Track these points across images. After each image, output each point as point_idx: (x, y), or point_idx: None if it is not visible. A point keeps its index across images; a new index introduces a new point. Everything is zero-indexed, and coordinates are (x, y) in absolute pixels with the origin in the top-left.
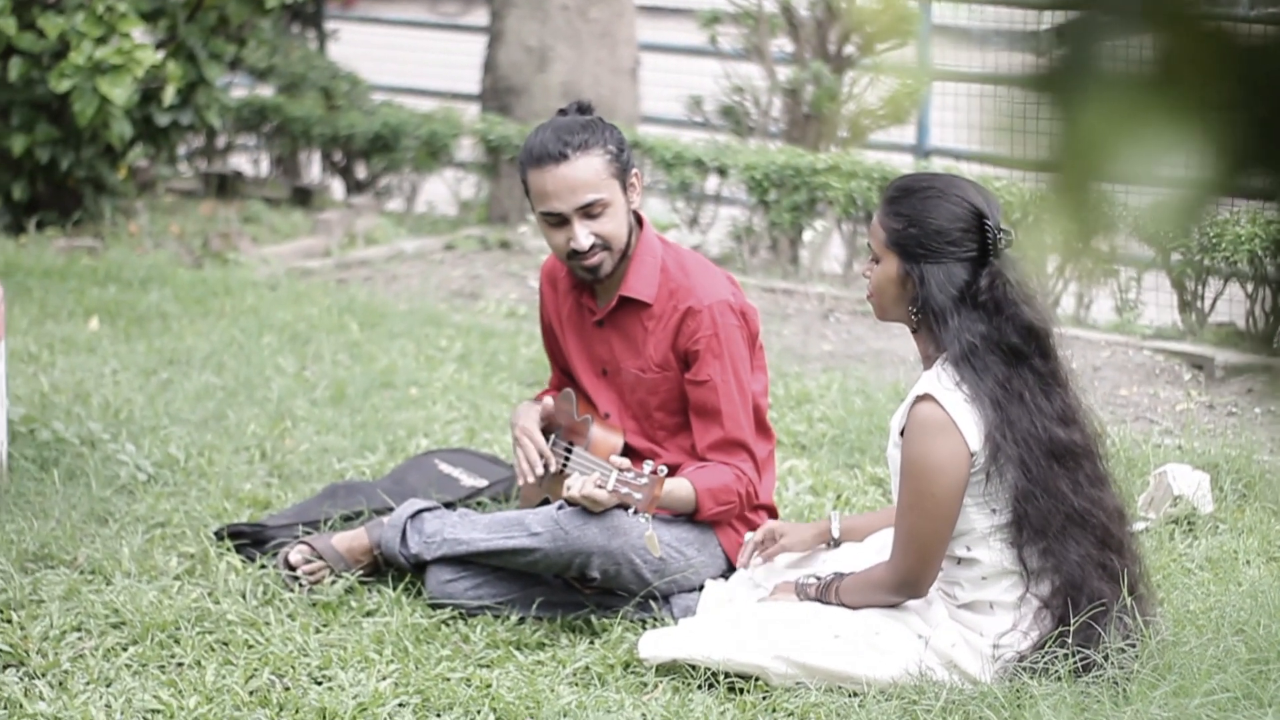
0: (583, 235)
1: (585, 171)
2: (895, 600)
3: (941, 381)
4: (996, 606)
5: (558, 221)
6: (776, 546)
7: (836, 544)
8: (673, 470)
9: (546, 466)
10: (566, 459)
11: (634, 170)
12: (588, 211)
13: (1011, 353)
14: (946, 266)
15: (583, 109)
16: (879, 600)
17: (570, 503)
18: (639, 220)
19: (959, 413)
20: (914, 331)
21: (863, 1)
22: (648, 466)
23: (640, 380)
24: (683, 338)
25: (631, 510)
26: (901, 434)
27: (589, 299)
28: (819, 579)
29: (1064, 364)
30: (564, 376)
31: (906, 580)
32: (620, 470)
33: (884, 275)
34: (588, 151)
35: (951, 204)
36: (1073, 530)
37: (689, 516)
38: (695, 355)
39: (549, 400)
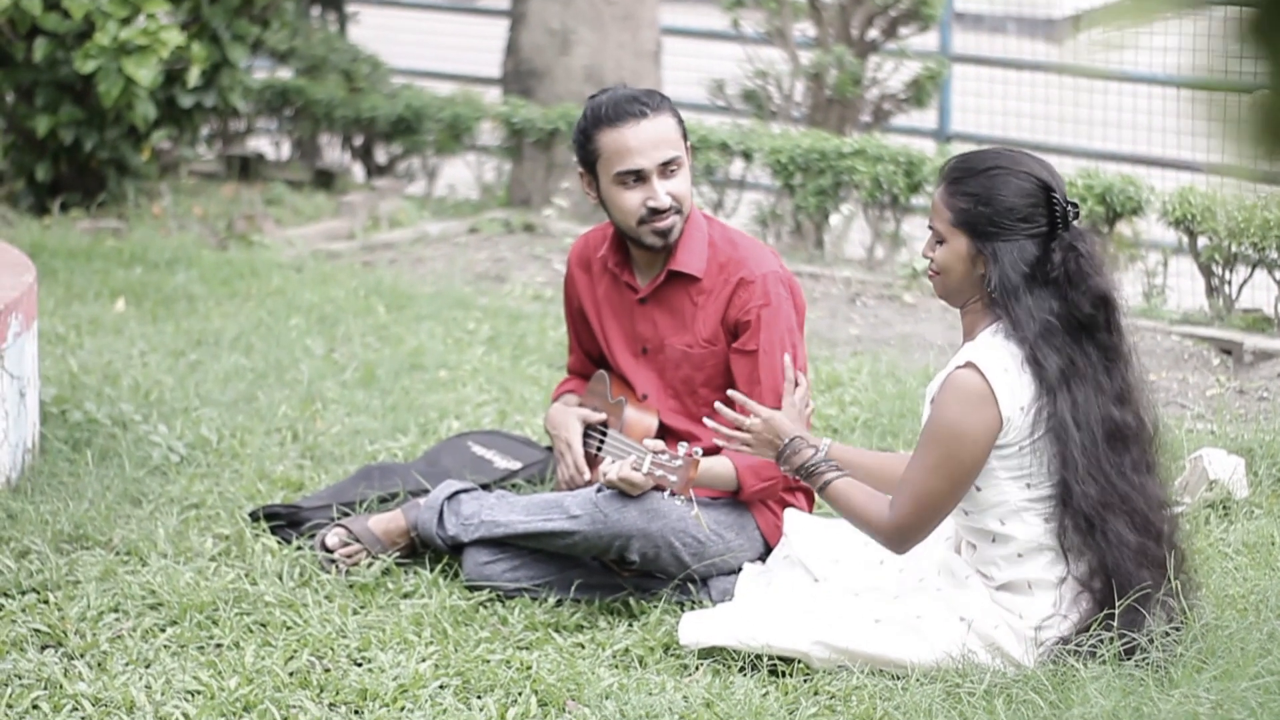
0: (662, 193)
1: (665, 128)
2: (878, 543)
3: (992, 352)
4: (1035, 586)
5: (636, 180)
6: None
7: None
8: (711, 451)
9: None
10: (601, 443)
11: (688, 143)
12: (667, 169)
13: (1081, 326)
14: (1019, 243)
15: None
16: (865, 531)
17: (608, 486)
18: None
19: (1000, 384)
20: (964, 308)
21: None
22: (682, 448)
23: (687, 356)
24: (734, 308)
25: (667, 492)
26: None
27: (629, 276)
28: (813, 455)
29: (1127, 339)
30: (586, 360)
31: (904, 534)
32: (655, 453)
33: (952, 254)
34: (661, 111)
35: (1020, 180)
36: (1112, 514)
37: (732, 495)
38: (745, 325)
39: (583, 409)
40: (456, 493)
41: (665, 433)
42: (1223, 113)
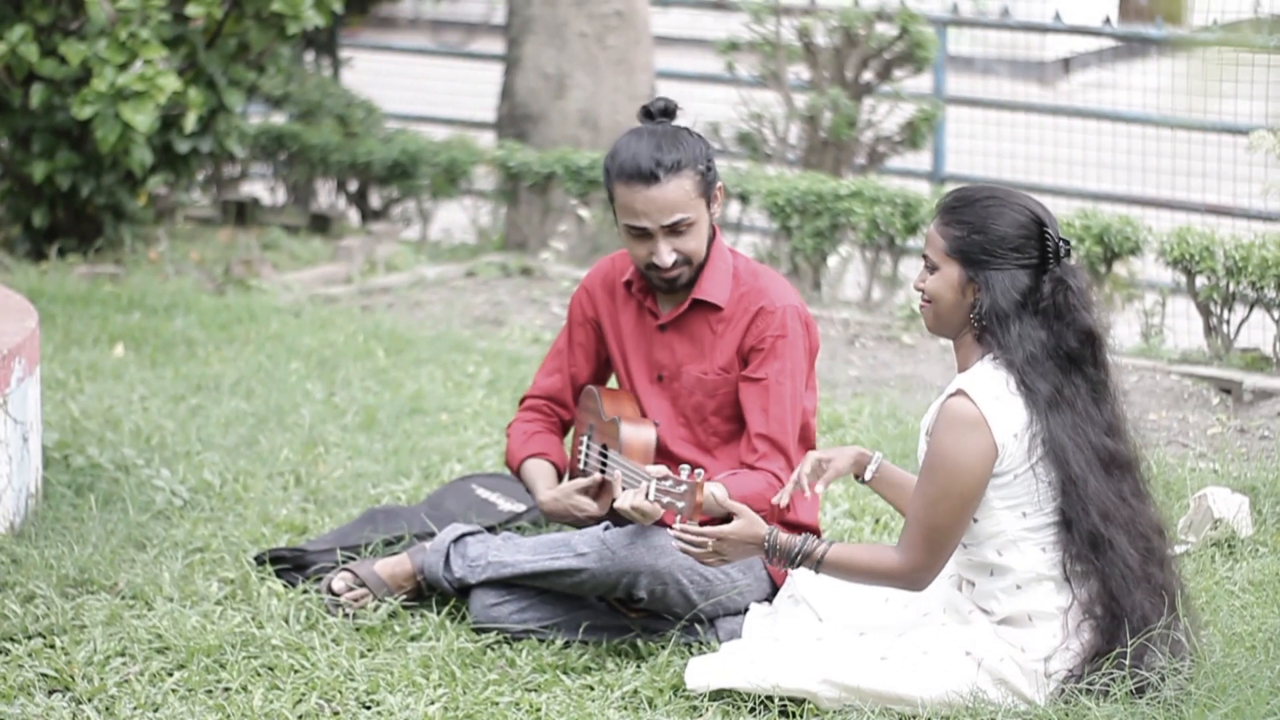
0: (665, 253)
1: (675, 194)
2: (895, 588)
3: (981, 379)
4: (1035, 618)
5: (641, 235)
6: (831, 472)
7: (863, 481)
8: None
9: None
10: (603, 465)
11: (718, 184)
12: (674, 229)
13: (1069, 359)
14: (1010, 273)
15: (668, 111)
16: (879, 583)
17: (620, 515)
18: (712, 228)
19: (991, 411)
20: (956, 342)
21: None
22: (684, 471)
23: (701, 383)
24: (750, 336)
25: (679, 519)
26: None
27: (652, 303)
28: (798, 539)
29: (1114, 374)
30: (569, 386)
31: (918, 573)
32: (658, 479)
33: (944, 283)
34: (679, 173)
35: (1014, 212)
36: (1116, 539)
37: None
38: (757, 353)
39: (548, 467)
40: (463, 535)
41: (676, 461)
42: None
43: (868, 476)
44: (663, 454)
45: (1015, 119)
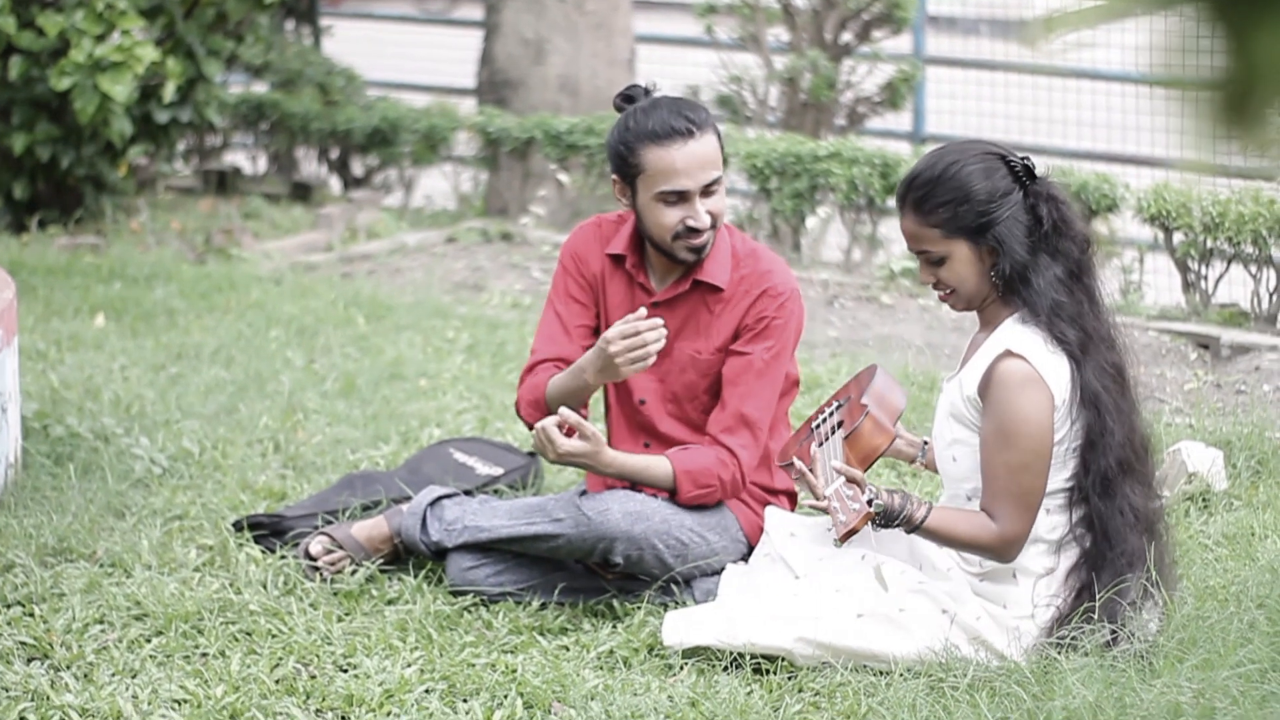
0: (703, 213)
1: (710, 148)
2: (990, 559)
3: (1023, 338)
4: (1020, 575)
5: (676, 200)
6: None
7: (915, 464)
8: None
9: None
10: (827, 436)
11: (724, 155)
12: (709, 189)
13: (1075, 275)
14: (1009, 219)
15: (649, 92)
16: (974, 551)
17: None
18: None
19: (1044, 364)
20: (981, 308)
21: None
22: (866, 495)
23: (694, 362)
24: (750, 315)
25: (830, 529)
26: (980, 397)
27: (644, 278)
28: (902, 492)
29: (1102, 280)
30: (577, 344)
31: (1015, 543)
32: (845, 483)
33: (960, 265)
34: (706, 128)
35: (974, 163)
36: (1126, 471)
37: (671, 497)
38: (748, 330)
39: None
40: (439, 498)
41: (657, 439)
42: (1188, 107)
43: (922, 460)
44: (651, 432)
45: (995, 78)
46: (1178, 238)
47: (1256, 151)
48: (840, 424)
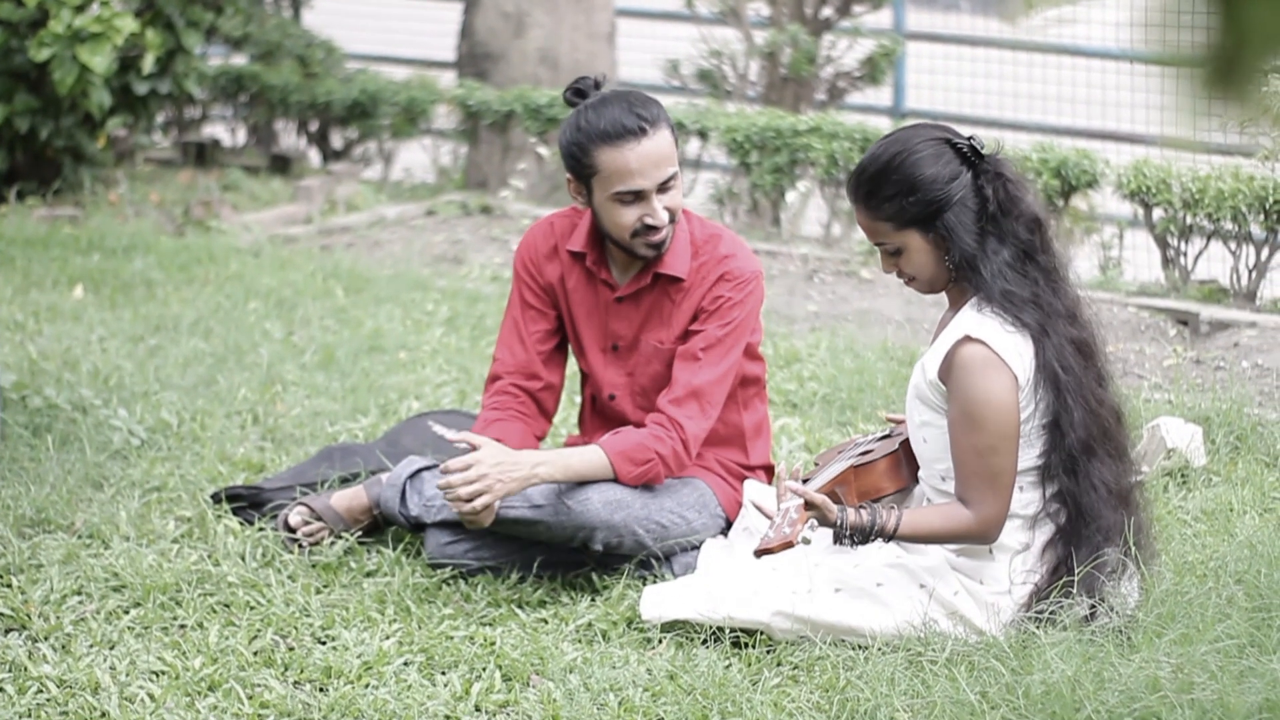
0: (661, 210)
1: (664, 144)
2: (973, 544)
3: (979, 322)
4: (996, 550)
5: (633, 199)
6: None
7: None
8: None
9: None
10: (853, 453)
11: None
12: (665, 185)
13: (1024, 255)
14: (957, 206)
15: (599, 85)
16: (954, 541)
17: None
18: None
19: (1002, 346)
20: (946, 288)
21: None
22: (809, 527)
23: (658, 352)
24: (707, 298)
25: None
26: (943, 381)
27: (606, 274)
28: (869, 507)
29: (1062, 257)
30: (536, 359)
31: (992, 523)
32: (800, 505)
33: (916, 254)
34: (660, 124)
35: (919, 150)
36: (1093, 465)
37: (615, 480)
38: (705, 312)
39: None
40: (419, 470)
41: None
42: (1174, 82)
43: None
44: (622, 424)
45: (975, 54)
46: (1157, 214)
47: (1243, 121)
48: (869, 451)
